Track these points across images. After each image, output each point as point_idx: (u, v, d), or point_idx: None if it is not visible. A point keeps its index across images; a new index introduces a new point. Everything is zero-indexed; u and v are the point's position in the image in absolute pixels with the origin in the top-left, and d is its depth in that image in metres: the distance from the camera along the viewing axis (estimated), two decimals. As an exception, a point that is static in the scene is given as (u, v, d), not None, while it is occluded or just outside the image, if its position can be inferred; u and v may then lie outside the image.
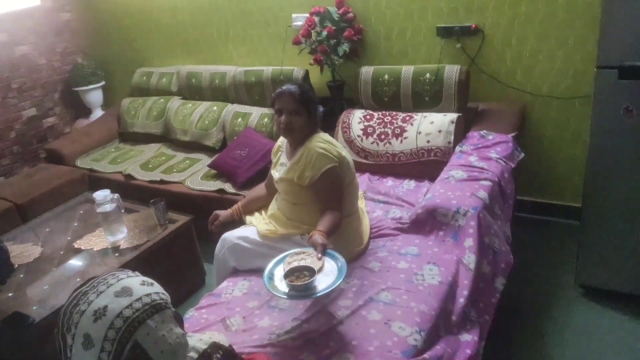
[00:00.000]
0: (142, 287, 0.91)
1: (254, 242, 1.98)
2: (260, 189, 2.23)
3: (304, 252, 1.67)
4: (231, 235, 2.02)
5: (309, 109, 1.91)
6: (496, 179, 2.10)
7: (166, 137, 3.61)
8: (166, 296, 0.93)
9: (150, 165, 3.29)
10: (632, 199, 1.99)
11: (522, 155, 2.35)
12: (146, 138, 3.69)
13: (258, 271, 1.97)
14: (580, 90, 2.51)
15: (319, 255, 1.60)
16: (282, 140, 2.09)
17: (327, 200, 1.87)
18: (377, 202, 2.37)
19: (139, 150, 3.60)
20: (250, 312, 1.76)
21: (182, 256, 2.55)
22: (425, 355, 1.48)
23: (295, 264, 1.61)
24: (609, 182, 2.01)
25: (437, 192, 2.07)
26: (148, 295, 0.89)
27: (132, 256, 2.29)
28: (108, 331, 0.83)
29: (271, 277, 1.60)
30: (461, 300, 1.73)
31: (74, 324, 0.86)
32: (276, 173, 2.03)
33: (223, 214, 2.12)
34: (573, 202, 2.73)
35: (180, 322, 0.94)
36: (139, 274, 0.98)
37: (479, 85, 2.73)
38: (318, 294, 1.52)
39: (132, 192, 3.04)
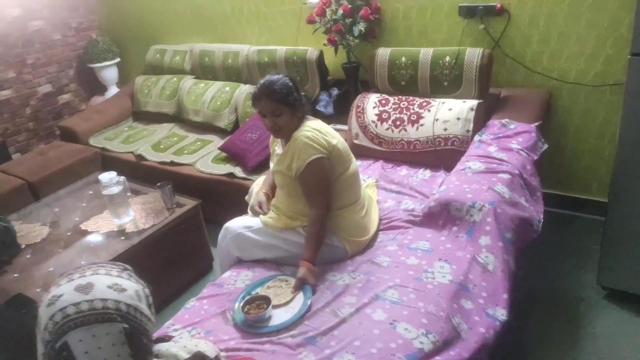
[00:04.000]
0: (106, 289, 0.83)
1: (258, 231, 1.91)
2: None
3: (286, 281, 1.76)
4: (234, 225, 1.95)
5: (290, 104, 1.82)
6: (517, 172, 1.98)
7: (179, 117, 3.55)
8: (130, 308, 0.84)
9: (161, 146, 3.24)
10: (662, 198, 1.85)
11: (546, 146, 2.22)
12: (159, 117, 3.65)
13: (262, 262, 1.92)
14: (611, 77, 2.35)
15: (293, 288, 1.69)
16: None
17: (310, 194, 1.81)
18: (390, 192, 2.27)
19: (152, 130, 3.56)
20: (252, 305, 1.71)
21: (189, 241, 2.51)
22: (437, 358, 1.40)
23: (269, 291, 1.71)
24: (638, 176, 1.87)
25: (452, 185, 1.96)
26: (104, 300, 0.82)
27: (137, 240, 2.25)
28: (49, 321, 0.80)
29: (244, 298, 1.69)
30: (481, 302, 1.63)
31: (41, 301, 0.84)
32: (272, 164, 1.96)
33: (262, 199, 2.03)
34: (599, 197, 2.59)
35: (137, 340, 0.84)
36: (123, 274, 0.90)
37: (502, 69, 2.58)
38: (262, 330, 1.56)
39: (142, 173, 3.01)
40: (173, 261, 2.42)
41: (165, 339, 1.01)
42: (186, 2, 3.70)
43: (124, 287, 0.85)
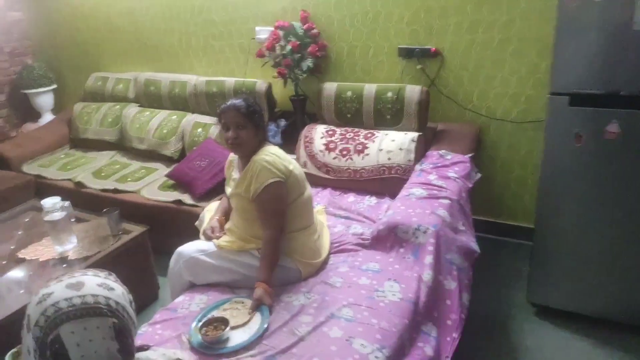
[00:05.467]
0: (97, 287, 0.87)
1: (212, 254, 1.93)
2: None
3: (242, 302, 1.79)
4: (187, 249, 1.96)
5: (255, 122, 1.92)
6: (455, 197, 2.16)
7: (121, 145, 3.49)
8: (119, 306, 0.87)
9: (103, 174, 3.16)
10: (582, 221, 2.08)
11: (479, 175, 2.44)
12: (99, 145, 3.56)
13: (216, 286, 1.93)
14: (531, 114, 2.64)
15: (250, 309, 1.73)
16: (233, 156, 2.08)
17: (265, 215, 1.87)
18: (339, 217, 2.38)
19: (91, 157, 3.46)
20: (208, 327, 1.71)
21: (135, 269, 2.44)
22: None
23: (226, 313, 1.73)
24: (560, 204, 2.11)
25: (398, 209, 2.10)
26: (95, 296, 0.85)
27: (81, 267, 2.17)
28: (40, 317, 0.82)
29: (201, 320, 1.70)
30: (418, 319, 1.74)
31: (30, 302, 0.87)
32: (229, 188, 2.02)
33: (215, 224, 2.05)
34: (524, 223, 2.84)
35: (124, 337, 0.88)
36: (109, 277, 0.94)
37: (438, 105, 2.82)
38: (220, 351, 1.57)
39: (82, 201, 2.90)
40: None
41: (144, 348, 1.02)
42: (131, 32, 3.70)
43: (112, 287, 0.89)
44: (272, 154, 1.91)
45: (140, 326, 1.75)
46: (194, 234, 2.16)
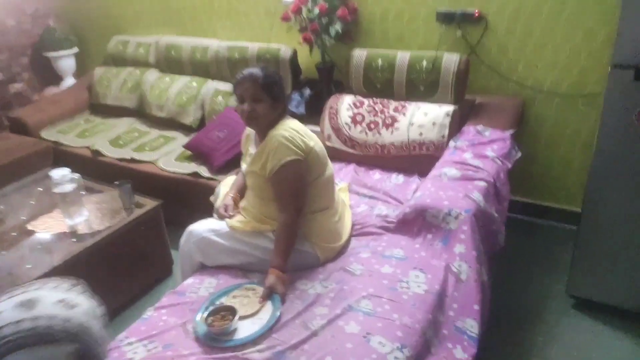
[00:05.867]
0: (53, 306, 0.71)
1: (224, 235, 1.79)
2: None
3: (253, 289, 1.65)
4: (198, 228, 1.82)
5: (273, 94, 1.73)
6: (492, 180, 1.94)
7: (140, 112, 3.36)
8: (82, 328, 0.72)
9: (120, 142, 3.06)
10: (634, 210, 1.85)
11: (519, 154, 2.19)
12: (119, 111, 3.45)
13: (228, 268, 1.80)
14: (584, 88, 2.35)
15: (260, 298, 1.58)
16: (250, 129, 1.90)
17: (282, 196, 1.71)
18: (362, 197, 2.19)
19: (110, 124, 3.36)
20: (216, 315, 1.59)
21: (148, 244, 2.35)
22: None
23: (235, 301, 1.60)
24: (613, 187, 1.86)
25: (428, 191, 1.90)
26: (50, 317, 0.70)
27: (91, 242, 2.08)
28: None
29: (208, 308, 1.57)
30: (451, 314, 1.57)
31: None
32: (244, 165, 1.85)
33: (229, 202, 1.89)
34: (567, 206, 2.59)
35: None
36: (74, 289, 0.79)
37: (477, 76, 2.55)
38: (226, 344, 1.44)
39: (99, 170, 2.83)
40: (130, 265, 2.26)
41: None
42: (153, -8, 3.53)
43: (74, 303, 0.73)
44: (291, 129, 1.73)
45: (146, 310, 1.64)
46: (210, 209, 2.03)
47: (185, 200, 2.58)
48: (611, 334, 1.98)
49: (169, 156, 2.83)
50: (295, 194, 1.71)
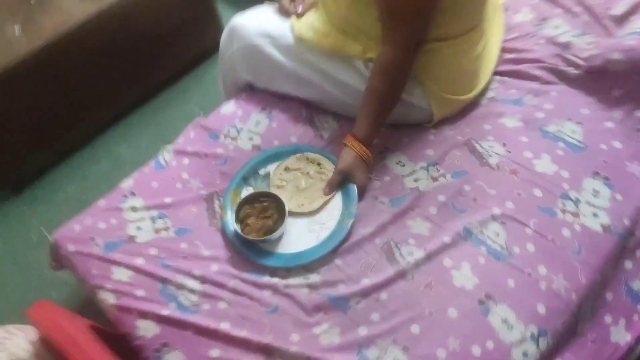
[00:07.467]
0: None
1: (284, 48, 1.08)
2: None
3: (319, 165, 1.03)
4: (246, 26, 1.10)
5: None
6: None
7: None
8: None
9: None
10: None
11: None
12: None
13: (288, 99, 1.16)
14: None
15: (326, 186, 0.99)
16: None
17: (391, 18, 0.90)
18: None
19: None
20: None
21: (191, 7, 1.66)
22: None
23: (286, 179, 1.01)
24: None
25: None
26: None
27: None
28: None
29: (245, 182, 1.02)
30: (628, 266, 0.93)
31: None
32: None
33: None
34: None
35: None
36: None
37: None
38: (263, 260, 0.92)
39: None
40: (168, 34, 1.64)
41: None
42: None
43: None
44: None
45: (163, 150, 1.11)
46: None
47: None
48: None
49: None
50: (413, 18, 0.89)
